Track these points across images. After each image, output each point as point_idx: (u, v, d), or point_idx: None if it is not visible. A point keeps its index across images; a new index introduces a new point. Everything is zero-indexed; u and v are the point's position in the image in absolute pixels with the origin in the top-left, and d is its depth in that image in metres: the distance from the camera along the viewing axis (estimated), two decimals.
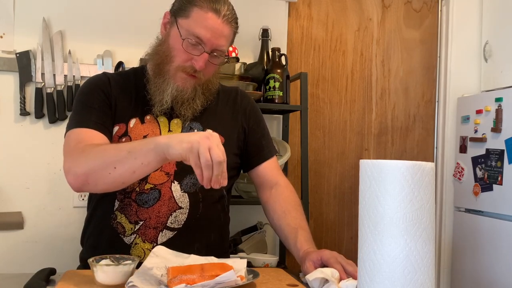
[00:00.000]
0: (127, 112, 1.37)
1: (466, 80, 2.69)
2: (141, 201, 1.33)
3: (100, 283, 1.08)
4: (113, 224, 1.34)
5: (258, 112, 1.55)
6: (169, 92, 1.34)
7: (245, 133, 1.49)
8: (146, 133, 1.36)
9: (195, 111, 1.38)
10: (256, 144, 1.50)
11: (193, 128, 1.39)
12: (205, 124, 1.41)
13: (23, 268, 2.04)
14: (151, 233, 1.33)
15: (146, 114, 1.38)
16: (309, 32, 2.61)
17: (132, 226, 1.33)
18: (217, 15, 1.30)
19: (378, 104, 2.72)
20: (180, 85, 1.34)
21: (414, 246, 0.88)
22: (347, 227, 2.68)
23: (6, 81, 2.09)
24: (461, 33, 2.69)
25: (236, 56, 2.18)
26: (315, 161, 2.60)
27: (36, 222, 2.11)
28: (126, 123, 1.36)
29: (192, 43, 1.31)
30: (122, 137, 1.35)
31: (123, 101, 1.39)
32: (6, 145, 2.10)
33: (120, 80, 1.43)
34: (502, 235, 2.27)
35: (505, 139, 2.28)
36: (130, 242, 1.33)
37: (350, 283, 1.09)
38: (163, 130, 1.37)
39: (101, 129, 1.30)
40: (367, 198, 0.92)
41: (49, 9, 2.14)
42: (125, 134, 1.35)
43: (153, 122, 1.38)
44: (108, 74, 1.45)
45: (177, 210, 1.34)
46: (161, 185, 1.33)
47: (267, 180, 1.49)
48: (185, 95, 1.35)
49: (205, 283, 1.01)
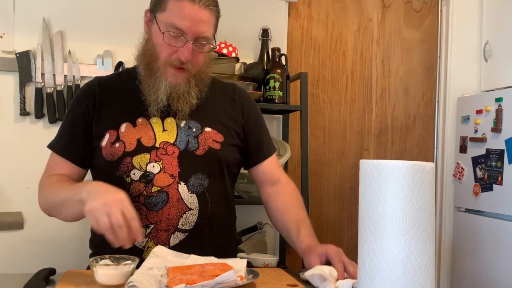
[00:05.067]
0: (117, 118, 1.36)
1: (466, 80, 2.69)
2: (150, 205, 1.31)
3: (100, 283, 1.08)
4: None
5: (256, 109, 1.53)
6: (162, 89, 1.32)
7: (244, 131, 1.47)
8: (139, 135, 1.34)
9: (192, 104, 1.36)
10: (255, 142, 1.48)
11: (191, 127, 1.38)
12: (203, 122, 1.39)
13: (23, 268, 2.04)
14: (162, 235, 1.31)
15: (138, 117, 1.36)
16: (309, 32, 2.61)
17: (143, 230, 1.31)
18: (192, 2, 1.28)
19: (378, 104, 2.72)
20: (172, 81, 1.33)
21: (414, 246, 0.88)
22: (347, 227, 2.68)
23: (6, 81, 2.10)
24: (461, 33, 2.69)
25: (236, 56, 2.18)
26: (315, 161, 2.60)
27: (36, 222, 2.11)
28: (117, 129, 1.35)
29: (174, 35, 1.29)
30: (115, 143, 1.34)
31: (114, 106, 1.38)
32: (6, 145, 2.10)
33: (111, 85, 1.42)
34: (502, 235, 2.27)
35: (505, 139, 2.28)
36: (142, 246, 1.32)
37: (346, 282, 1.09)
38: (157, 131, 1.36)
39: (68, 154, 1.39)
40: (367, 198, 0.92)
41: (49, 9, 2.14)
42: (117, 139, 1.34)
43: (145, 124, 1.36)
44: (100, 80, 1.45)
45: (187, 211, 1.33)
46: (167, 187, 1.32)
47: (268, 178, 1.49)
48: (179, 90, 1.33)
49: (205, 283, 1.01)
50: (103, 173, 1.37)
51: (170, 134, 1.36)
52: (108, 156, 1.34)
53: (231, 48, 2.20)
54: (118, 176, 1.33)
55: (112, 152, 1.34)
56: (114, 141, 1.34)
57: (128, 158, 1.33)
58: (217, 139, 1.39)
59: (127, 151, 1.33)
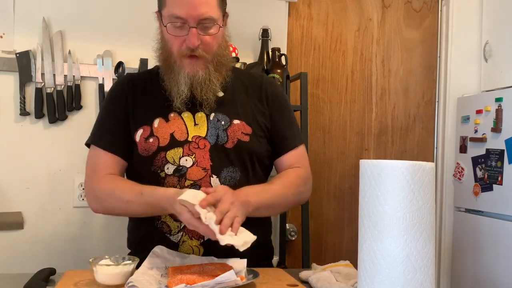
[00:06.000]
0: (150, 113, 1.39)
1: (466, 80, 2.69)
2: None
3: (100, 283, 1.08)
4: (158, 225, 1.35)
5: (283, 100, 1.51)
6: (182, 81, 1.34)
7: (270, 122, 1.45)
8: (172, 130, 1.36)
9: (215, 91, 1.36)
10: (280, 134, 1.47)
11: (220, 120, 1.38)
12: (231, 115, 1.39)
13: (23, 268, 2.04)
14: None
15: (170, 112, 1.38)
16: (309, 32, 2.61)
17: (178, 224, 1.33)
18: None
19: (378, 104, 2.72)
20: (190, 71, 1.34)
21: (414, 246, 0.88)
22: (347, 227, 2.67)
23: (6, 81, 2.09)
24: (461, 33, 2.68)
25: (236, 56, 2.18)
26: (315, 161, 2.60)
27: (36, 222, 2.11)
28: (150, 124, 1.37)
29: (177, 25, 1.30)
30: (149, 138, 1.35)
31: (145, 102, 1.40)
32: (6, 145, 2.09)
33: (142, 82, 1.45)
34: (502, 235, 2.27)
35: (505, 139, 2.28)
36: (178, 240, 1.33)
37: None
38: (188, 125, 1.37)
39: (112, 149, 1.38)
40: (367, 198, 0.92)
41: (49, 9, 2.13)
42: (151, 135, 1.36)
43: (178, 119, 1.37)
44: (132, 77, 1.49)
45: None
46: (200, 181, 1.33)
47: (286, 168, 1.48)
48: (199, 79, 1.34)
49: (205, 283, 1.01)
50: (138, 168, 1.39)
51: (201, 128, 1.37)
52: (143, 151, 1.36)
53: (231, 48, 2.20)
54: (153, 171, 1.35)
55: (147, 147, 1.35)
56: (148, 136, 1.36)
57: (162, 153, 1.34)
58: (246, 131, 1.39)
59: (161, 145, 1.35)
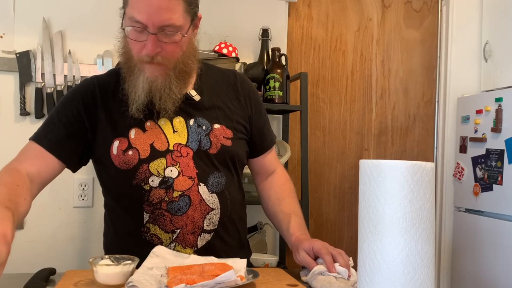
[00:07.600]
0: (123, 123, 1.29)
1: (466, 80, 2.69)
2: (173, 210, 1.28)
3: (100, 283, 1.08)
4: (147, 237, 1.30)
5: (259, 99, 1.48)
6: (140, 86, 1.24)
7: (249, 122, 1.43)
8: (151, 140, 1.29)
9: (175, 100, 1.28)
10: (259, 133, 1.45)
11: (201, 125, 1.33)
12: (211, 119, 1.35)
13: (23, 268, 2.03)
14: (190, 238, 1.29)
15: (146, 120, 1.30)
16: (309, 32, 2.61)
17: (169, 235, 1.29)
18: None
19: (378, 104, 2.72)
20: (149, 76, 1.24)
21: (414, 246, 0.88)
22: (347, 227, 2.67)
23: (6, 81, 2.09)
24: (461, 33, 2.69)
25: (236, 56, 2.18)
26: (315, 161, 2.60)
27: (36, 222, 2.11)
28: (126, 135, 1.29)
29: (137, 30, 1.20)
30: (127, 151, 1.28)
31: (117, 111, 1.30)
32: (6, 145, 2.09)
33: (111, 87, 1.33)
34: (502, 235, 2.27)
35: (505, 139, 2.28)
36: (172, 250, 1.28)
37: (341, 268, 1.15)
38: (167, 133, 1.30)
39: (51, 147, 1.27)
40: (367, 198, 0.92)
41: (49, 9, 2.14)
42: (129, 147, 1.28)
43: (155, 127, 1.30)
44: (99, 81, 1.35)
45: (210, 212, 1.30)
46: (188, 190, 1.29)
47: (266, 169, 1.49)
48: (158, 86, 1.24)
49: (205, 283, 1.01)
50: (117, 183, 1.32)
51: (181, 134, 1.31)
52: (122, 165, 1.28)
53: (231, 48, 2.20)
54: (135, 184, 1.28)
55: (126, 161, 1.28)
56: (126, 149, 1.28)
57: (145, 165, 1.27)
58: (227, 135, 1.36)
59: (142, 158, 1.27)
